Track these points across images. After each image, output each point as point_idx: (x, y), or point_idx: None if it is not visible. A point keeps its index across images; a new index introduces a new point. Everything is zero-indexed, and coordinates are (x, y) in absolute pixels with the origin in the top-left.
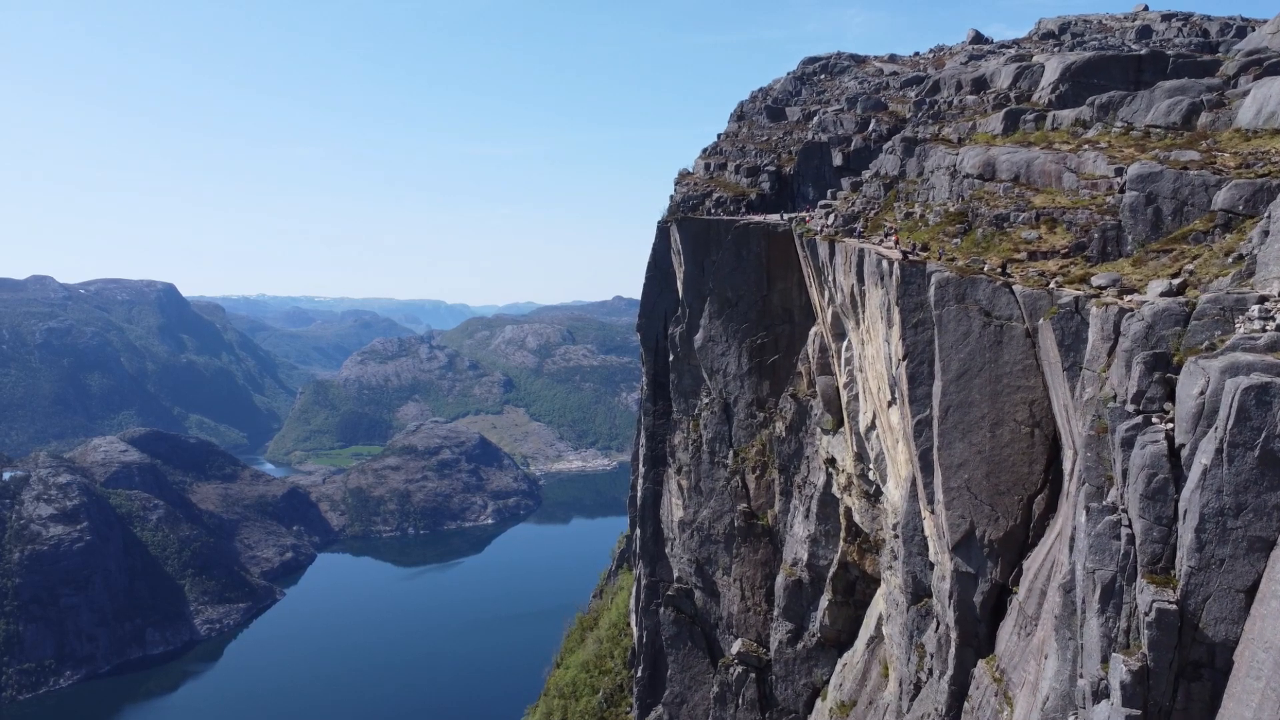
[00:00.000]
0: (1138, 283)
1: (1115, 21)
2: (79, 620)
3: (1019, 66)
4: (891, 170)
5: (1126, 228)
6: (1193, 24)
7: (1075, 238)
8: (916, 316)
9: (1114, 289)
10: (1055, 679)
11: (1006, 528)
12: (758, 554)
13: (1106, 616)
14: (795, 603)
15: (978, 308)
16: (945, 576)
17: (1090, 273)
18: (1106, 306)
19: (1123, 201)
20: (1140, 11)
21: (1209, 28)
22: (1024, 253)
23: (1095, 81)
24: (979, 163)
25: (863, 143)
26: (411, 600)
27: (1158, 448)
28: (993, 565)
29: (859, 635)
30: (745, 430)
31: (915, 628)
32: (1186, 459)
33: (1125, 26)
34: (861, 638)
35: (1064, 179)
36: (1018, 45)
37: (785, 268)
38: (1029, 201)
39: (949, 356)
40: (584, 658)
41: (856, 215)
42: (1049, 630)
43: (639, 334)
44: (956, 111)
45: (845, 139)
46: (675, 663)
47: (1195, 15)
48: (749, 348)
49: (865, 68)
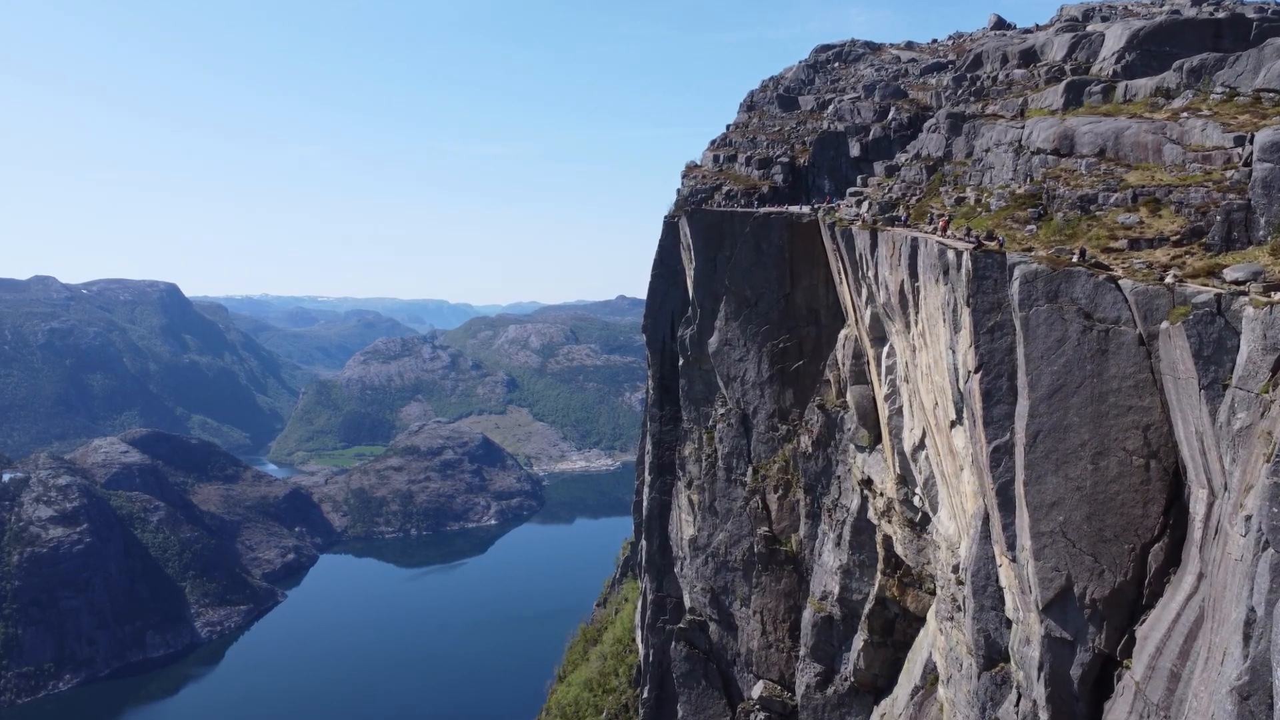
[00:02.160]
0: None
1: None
2: (79, 623)
3: (1074, 36)
4: (935, 151)
5: (1259, 208)
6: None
7: (1189, 222)
8: (993, 319)
9: (1257, 284)
10: None
11: (1114, 584)
12: (780, 584)
13: None
14: (825, 641)
15: (1075, 308)
16: (1032, 641)
17: (1219, 264)
18: (1270, 307)
19: (1252, 177)
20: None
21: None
22: (1123, 240)
23: (1168, 50)
24: (1053, 135)
25: (882, 132)
26: (414, 602)
27: None
28: (1095, 631)
29: (900, 682)
30: (766, 444)
31: (989, 698)
32: None
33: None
34: (903, 685)
35: (1165, 152)
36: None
37: (810, 263)
38: (1121, 179)
39: (1038, 369)
40: (587, 675)
41: (895, 202)
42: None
43: (644, 335)
44: (1003, 87)
45: (864, 128)
46: (687, 703)
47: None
48: (770, 352)
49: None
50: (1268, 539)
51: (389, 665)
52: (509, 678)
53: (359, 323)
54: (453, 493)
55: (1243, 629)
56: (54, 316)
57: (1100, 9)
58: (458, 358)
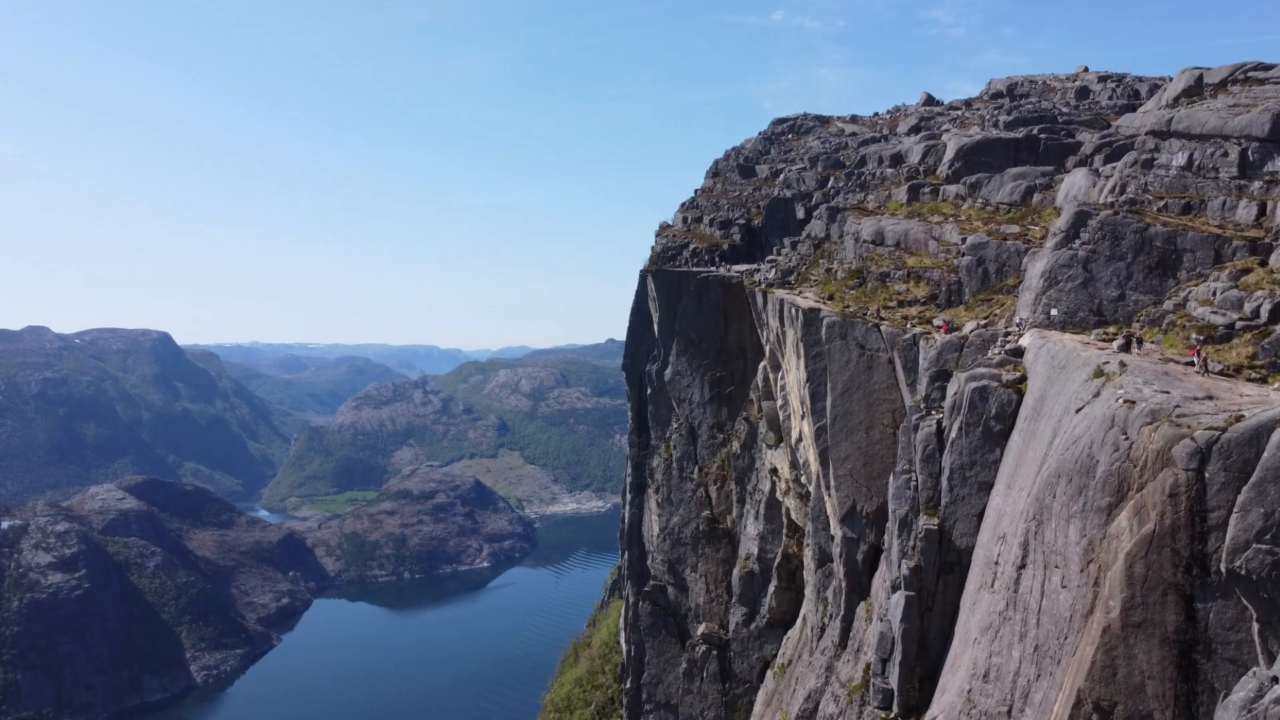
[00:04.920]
0: (963, 322)
1: (1058, 82)
2: (77, 668)
3: (927, 145)
4: (819, 233)
5: (964, 282)
6: (1125, 84)
7: (930, 290)
8: (816, 349)
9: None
10: (882, 592)
11: (878, 504)
12: (719, 553)
13: (902, 537)
14: (748, 590)
15: (855, 342)
16: (836, 540)
17: (933, 314)
18: (931, 340)
19: (961, 263)
20: (1080, 73)
21: (1139, 88)
22: (895, 301)
23: (982, 159)
24: (872, 232)
25: (822, 198)
26: (408, 644)
27: (930, 429)
28: (869, 532)
29: (799, 615)
30: (708, 449)
31: (821, 584)
32: (945, 435)
33: (1066, 86)
34: (801, 614)
35: (930, 245)
36: (967, 105)
37: (739, 313)
38: (904, 262)
39: (836, 378)
40: (577, 674)
41: (792, 269)
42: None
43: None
44: (878, 181)
45: (807, 195)
46: (652, 648)
47: (1129, 76)
48: (709, 380)
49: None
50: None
51: (384, 708)
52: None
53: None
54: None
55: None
56: (47, 366)
57: (1020, 83)
58: (449, 402)
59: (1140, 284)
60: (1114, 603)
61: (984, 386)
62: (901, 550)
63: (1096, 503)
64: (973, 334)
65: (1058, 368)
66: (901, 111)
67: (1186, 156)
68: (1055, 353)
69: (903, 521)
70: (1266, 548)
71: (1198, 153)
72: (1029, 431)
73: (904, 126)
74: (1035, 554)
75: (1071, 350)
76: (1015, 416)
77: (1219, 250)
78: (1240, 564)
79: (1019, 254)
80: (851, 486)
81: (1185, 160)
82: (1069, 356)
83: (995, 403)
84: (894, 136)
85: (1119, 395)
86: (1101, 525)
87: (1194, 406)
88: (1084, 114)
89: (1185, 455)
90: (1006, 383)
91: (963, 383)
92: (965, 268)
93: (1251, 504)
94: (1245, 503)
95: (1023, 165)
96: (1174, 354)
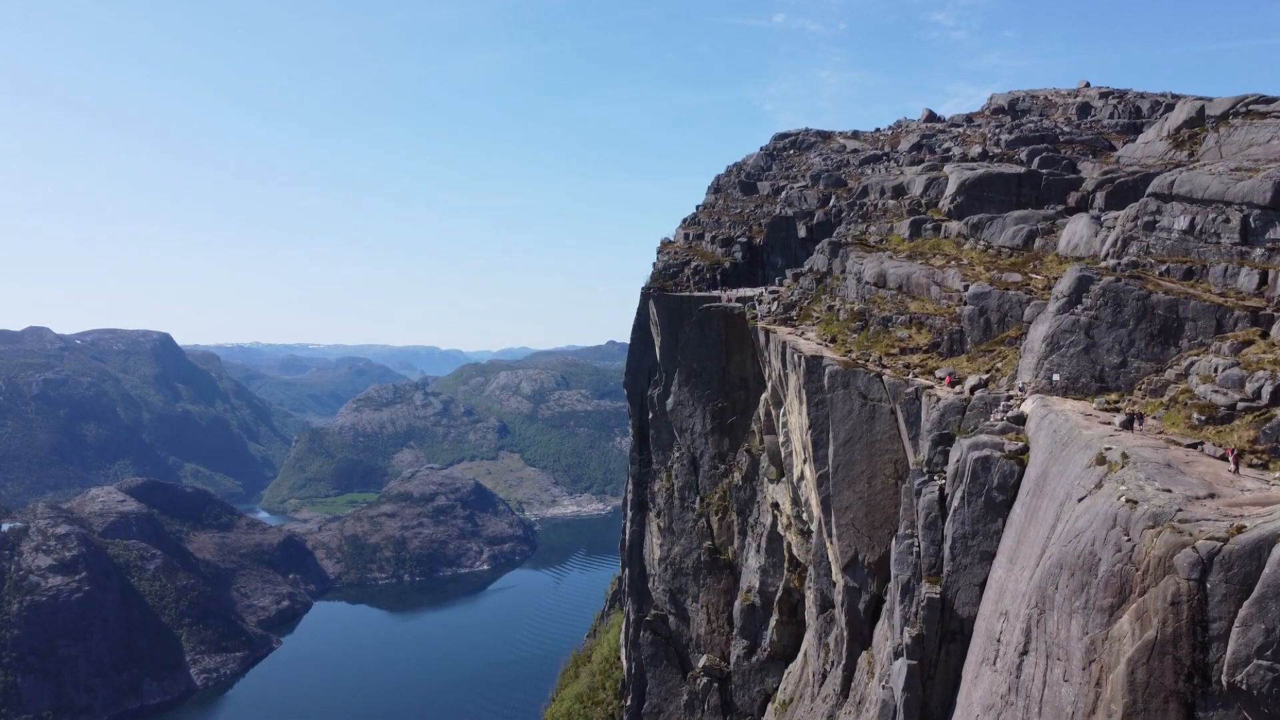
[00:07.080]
0: (966, 374)
1: (1059, 97)
2: (77, 671)
3: (929, 178)
4: (821, 267)
5: (966, 332)
6: (1127, 101)
7: (933, 337)
8: (818, 396)
9: (947, 380)
10: (884, 645)
11: (880, 553)
12: (721, 583)
13: (904, 602)
14: (750, 623)
15: (858, 392)
16: (839, 589)
17: (939, 365)
18: (932, 398)
19: (963, 312)
20: (1082, 88)
21: (1141, 105)
22: (897, 349)
23: (984, 195)
24: (875, 273)
25: (824, 216)
26: (407, 647)
27: (933, 495)
28: (871, 580)
29: (801, 649)
30: (710, 479)
31: (823, 630)
32: (948, 502)
33: (1068, 102)
34: (802, 650)
35: (932, 290)
36: (968, 121)
37: (741, 344)
38: (906, 307)
39: (838, 427)
40: (577, 690)
41: (794, 304)
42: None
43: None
44: (880, 213)
45: (809, 213)
46: (653, 678)
47: (1130, 92)
48: (711, 411)
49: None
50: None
51: (384, 711)
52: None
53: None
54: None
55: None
56: (48, 367)
57: (1021, 98)
58: (449, 404)
59: (1142, 351)
60: (1116, 707)
61: (986, 457)
62: (904, 616)
63: (1099, 602)
64: (975, 397)
65: (1060, 444)
66: (903, 127)
67: (1189, 220)
68: (1058, 427)
69: (905, 586)
70: (1267, 664)
71: (1199, 217)
72: (1031, 508)
73: (905, 143)
74: (1038, 642)
75: (1073, 426)
76: (1017, 489)
77: (1220, 320)
78: (1241, 679)
79: (1021, 304)
80: (853, 536)
81: (1187, 224)
82: (1070, 433)
83: (998, 473)
84: (895, 154)
85: (1121, 493)
86: (1104, 625)
87: (1196, 510)
88: (1085, 133)
89: (1187, 565)
90: (1009, 453)
91: (965, 450)
92: (968, 317)
93: (1253, 619)
94: (1246, 618)
95: (1025, 200)
96: (1176, 434)
